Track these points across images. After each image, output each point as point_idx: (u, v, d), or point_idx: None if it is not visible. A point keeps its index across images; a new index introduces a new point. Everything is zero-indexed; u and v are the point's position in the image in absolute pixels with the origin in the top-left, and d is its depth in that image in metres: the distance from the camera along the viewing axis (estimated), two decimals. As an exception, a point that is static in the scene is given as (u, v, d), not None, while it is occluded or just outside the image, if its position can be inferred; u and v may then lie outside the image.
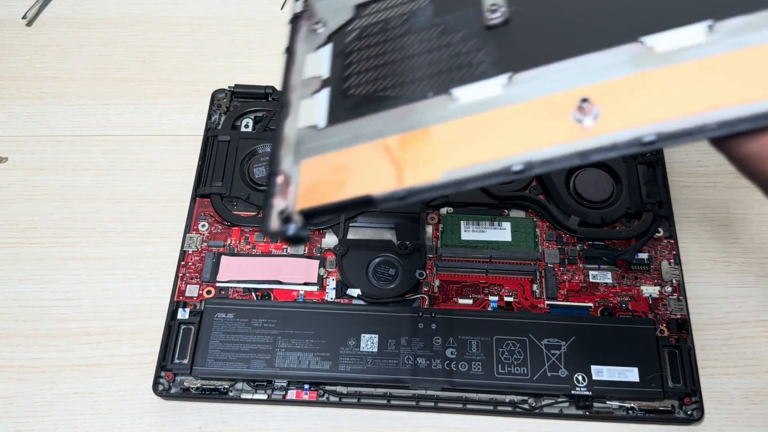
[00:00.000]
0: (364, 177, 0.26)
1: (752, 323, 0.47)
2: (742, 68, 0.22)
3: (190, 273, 0.47)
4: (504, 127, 0.25)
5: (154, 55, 0.59)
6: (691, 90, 0.23)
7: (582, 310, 0.46)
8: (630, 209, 0.48)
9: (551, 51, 0.26)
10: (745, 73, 0.22)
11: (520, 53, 0.27)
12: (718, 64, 0.23)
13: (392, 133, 0.26)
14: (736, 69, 0.23)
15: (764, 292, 0.48)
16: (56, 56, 0.57)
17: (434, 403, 0.43)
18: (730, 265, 0.49)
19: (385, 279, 0.46)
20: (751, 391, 0.44)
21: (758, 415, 0.44)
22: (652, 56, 0.24)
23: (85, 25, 0.61)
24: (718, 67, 0.23)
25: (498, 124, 0.25)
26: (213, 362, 0.43)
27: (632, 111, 0.23)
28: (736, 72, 0.22)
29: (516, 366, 0.43)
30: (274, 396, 0.43)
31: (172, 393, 0.43)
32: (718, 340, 0.46)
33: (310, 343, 0.43)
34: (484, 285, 0.47)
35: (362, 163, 0.26)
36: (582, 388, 0.42)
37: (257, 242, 0.48)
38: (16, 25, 0.61)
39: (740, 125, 0.22)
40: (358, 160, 0.26)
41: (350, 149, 0.27)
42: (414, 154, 0.25)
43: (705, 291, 0.47)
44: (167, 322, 0.45)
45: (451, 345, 0.43)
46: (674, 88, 0.23)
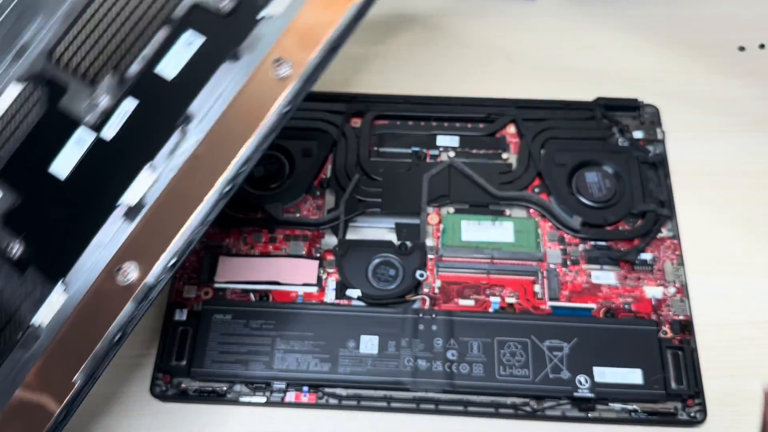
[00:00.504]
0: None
1: (756, 324, 0.46)
2: None
3: (188, 274, 0.47)
4: None
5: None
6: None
7: (585, 312, 0.45)
8: (633, 209, 0.48)
9: None
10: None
11: None
12: None
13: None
14: None
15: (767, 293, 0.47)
16: None
17: (435, 406, 0.42)
18: (734, 265, 0.48)
19: (385, 280, 0.46)
20: (755, 393, 0.44)
21: (762, 417, 0.43)
22: None
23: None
24: None
25: None
26: (211, 364, 0.42)
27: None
28: None
29: (517, 368, 0.42)
30: (272, 398, 0.43)
31: (169, 395, 0.43)
32: (721, 341, 0.45)
33: (309, 344, 0.43)
34: (485, 286, 0.46)
35: None
36: (584, 390, 0.42)
37: (256, 243, 0.48)
38: None
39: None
40: None
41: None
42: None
43: (709, 292, 0.47)
44: (164, 324, 0.45)
45: (452, 347, 0.43)
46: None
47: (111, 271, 0.31)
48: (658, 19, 0.61)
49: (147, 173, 0.33)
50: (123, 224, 0.32)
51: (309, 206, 0.49)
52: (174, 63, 0.35)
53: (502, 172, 0.50)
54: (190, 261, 0.47)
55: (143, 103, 0.34)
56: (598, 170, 0.49)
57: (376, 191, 0.49)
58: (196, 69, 0.34)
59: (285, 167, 0.50)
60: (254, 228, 0.48)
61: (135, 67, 0.35)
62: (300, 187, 0.49)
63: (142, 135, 0.34)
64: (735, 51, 0.59)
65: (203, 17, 0.35)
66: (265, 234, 0.48)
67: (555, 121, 0.52)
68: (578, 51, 0.59)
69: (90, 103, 0.35)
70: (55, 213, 0.34)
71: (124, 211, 0.32)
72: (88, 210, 0.33)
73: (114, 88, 0.35)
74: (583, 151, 0.50)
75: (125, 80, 0.35)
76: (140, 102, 0.34)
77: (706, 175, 0.52)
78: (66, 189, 0.34)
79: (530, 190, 0.49)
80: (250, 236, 0.48)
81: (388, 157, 0.51)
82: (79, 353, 0.31)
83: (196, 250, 0.47)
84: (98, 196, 0.33)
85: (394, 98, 0.53)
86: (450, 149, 0.51)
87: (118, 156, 0.34)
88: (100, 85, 0.35)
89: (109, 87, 0.35)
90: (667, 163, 0.50)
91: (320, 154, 0.51)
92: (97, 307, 0.31)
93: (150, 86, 0.35)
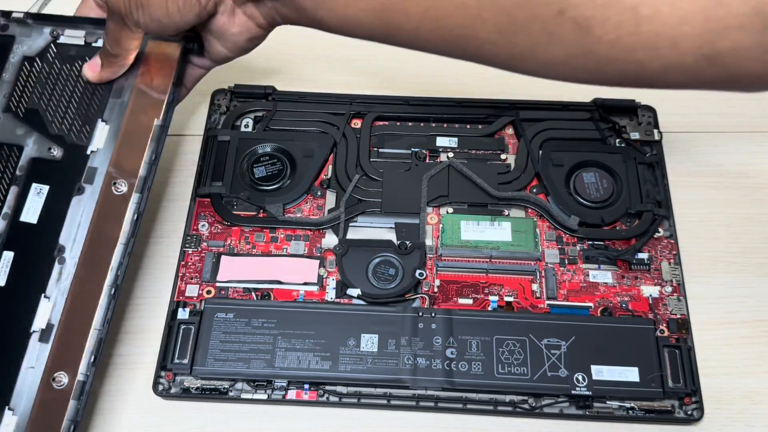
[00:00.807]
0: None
1: (752, 323, 0.47)
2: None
3: (190, 273, 0.47)
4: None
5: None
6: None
7: (582, 310, 0.46)
8: (630, 209, 0.48)
9: None
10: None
11: None
12: None
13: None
14: None
15: (764, 292, 0.48)
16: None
17: (434, 403, 0.43)
18: (730, 264, 0.49)
19: (385, 279, 0.46)
20: (752, 391, 0.44)
21: (758, 415, 0.44)
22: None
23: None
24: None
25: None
26: (213, 362, 0.43)
27: None
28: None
29: (516, 366, 0.43)
30: (274, 396, 0.43)
31: (172, 393, 0.43)
32: (718, 340, 0.46)
33: (310, 343, 0.43)
34: (484, 285, 0.47)
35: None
36: (582, 388, 0.42)
37: (257, 242, 0.48)
38: None
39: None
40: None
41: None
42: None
43: (705, 291, 0.47)
44: (167, 322, 0.45)
45: (451, 345, 0.43)
46: None
47: (47, 382, 0.38)
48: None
49: (45, 302, 0.40)
50: (42, 345, 0.39)
51: (310, 206, 0.50)
52: (33, 210, 0.42)
53: (500, 172, 0.50)
54: (192, 261, 0.47)
55: (21, 248, 0.41)
56: (595, 171, 0.50)
57: (376, 191, 0.50)
58: (53, 209, 0.42)
59: (286, 168, 0.50)
60: (256, 228, 0.49)
61: (1, 223, 0.42)
62: (301, 187, 0.50)
63: (30, 273, 0.41)
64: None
65: (43, 166, 0.43)
66: (267, 233, 0.49)
67: (553, 122, 0.52)
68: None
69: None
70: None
71: (39, 336, 0.39)
72: (9, 344, 0.39)
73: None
74: (580, 152, 0.51)
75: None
76: (17, 248, 0.41)
77: (703, 175, 0.52)
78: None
79: (528, 191, 0.50)
80: (252, 236, 0.48)
81: (388, 157, 0.52)
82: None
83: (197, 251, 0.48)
84: (12, 331, 0.40)
85: (394, 99, 0.54)
86: (449, 150, 0.52)
87: (16, 296, 0.40)
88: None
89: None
90: (664, 163, 0.51)
91: (321, 154, 0.51)
92: (46, 414, 0.38)
93: (21, 233, 0.42)
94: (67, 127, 0.44)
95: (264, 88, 0.54)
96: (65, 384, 0.38)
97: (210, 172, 0.50)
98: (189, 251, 0.48)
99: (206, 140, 0.52)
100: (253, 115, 0.54)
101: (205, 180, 0.50)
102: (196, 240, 0.48)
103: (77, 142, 0.44)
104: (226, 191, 0.50)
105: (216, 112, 0.54)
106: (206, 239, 0.48)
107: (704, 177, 0.52)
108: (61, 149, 0.43)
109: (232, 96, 0.54)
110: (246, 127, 0.53)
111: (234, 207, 0.49)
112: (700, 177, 0.52)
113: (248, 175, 0.50)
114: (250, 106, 0.54)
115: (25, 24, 0.47)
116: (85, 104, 0.45)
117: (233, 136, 0.52)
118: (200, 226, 0.49)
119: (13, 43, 0.46)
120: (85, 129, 0.44)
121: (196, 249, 0.48)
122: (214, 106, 0.54)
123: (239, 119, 0.53)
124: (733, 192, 0.52)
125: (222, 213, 0.49)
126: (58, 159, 0.43)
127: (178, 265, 0.47)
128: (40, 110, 0.45)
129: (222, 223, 0.49)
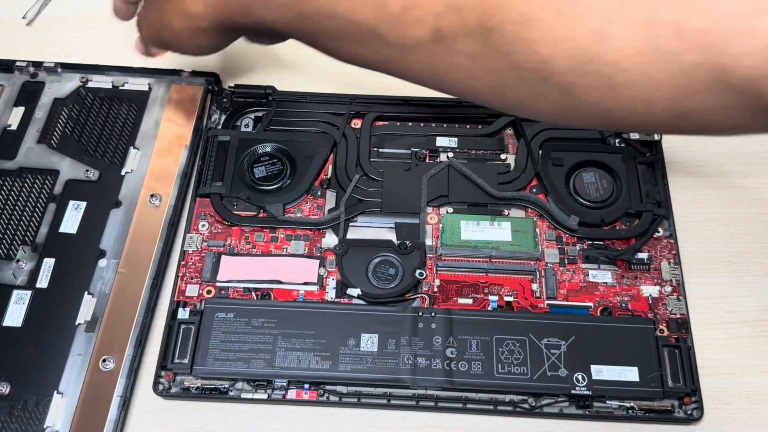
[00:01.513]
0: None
1: (752, 323, 0.47)
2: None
3: (190, 273, 0.47)
4: None
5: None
6: None
7: (582, 310, 0.46)
8: (630, 209, 0.48)
9: None
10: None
11: None
12: None
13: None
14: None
15: (764, 292, 0.48)
16: (56, 56, 0.57)
17: (434, 403, 0.43)
18: (729, 264, 0.49)
19: (385, 279, 0.46)
20: (751, 391, 0.44)
21: (758, 414, 0.44)
22: None
23: (85, 25, 0.61)
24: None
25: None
26: (213, 362, 0.43)
27: None
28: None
29: (516, 366, 0.43)
30: (274, 396, 0.43)
31: (172, 393, 0.43)
32: (717, 339, 0.46)
33: (310, 342, 0.43)
34: (484, 285, 0.47)
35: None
36: (582, 387, 0.42)
37: (257, 242, 0.48)
38: (16, 25, 0.61)
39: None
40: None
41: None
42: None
43: (705, 290, 0.47)
44: (167, 322, 0.45)
45: (451, 345, 0.43)
46: None
47: (96, 365, 0.44)
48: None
49: (88, 297, 0.46)
50: (88, 335, 0.45)
51: (310, 206, 0.50)
52: (72, 222, 0.49)
53: (500, 172, 0.50)
54: (192, 261, 0.47)
55: (61, 255, 0.47)
56: (595, 171, 0.50)
57: (376, 191, 0.50)
58: (92, 221, 0.49)
59: (286, 168, 0.50)
60: (256, 227, 0.49)
61: (42, 235, 0.48)
62: (301, 187, 0.50)
63: (72, 275, 0.47)
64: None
65: (79, 187, 0.50)
66: (267, 233, 0.49)
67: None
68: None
69: (15, 271, 0.47)
70: (27, 349, 0.44)
71: (85, 327, 0.45)
72: (55, 336, 0.45)
73: (30, 254, 0.47)
74: (580, 152, 0.51)
75: (38, 246, 0.48)
76: (58, 255, 0.47)
77: (702, 175, 0.52)
78: (23, 331, 0.45)
79: (528, 191, 0.50)
80: (252, 236, 0.48)
81: (388, 157, 0.52)
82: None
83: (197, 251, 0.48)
84: (58, 325, 0.45)
85: (394, 99, 0.54)
86: (449, 150, 0.52)
87: (59, 296, 0.46)
88: (18, 255, 0.47)
89: (26, 255, 0.47)
90: (664, 163, 0.51)
91: (321, 154, 0.51)
92: (96, 393, 0.43)
93: (61, 242, 0.48)
94: (101, 154, 0.52)
95: (264, 88, 0.54)
96: (112, 366, 0.44)
97: (210, 172, 0.50)
98: (189, 251, 0.48)
99: (206, 140, 0.52)
100: (253, 115, 0.54)
101: (205, 180, 0.50)
102: (197, 240, 0.48)
103: (111, 165, 0.51)
104: (226, 191, 0.50)
105: (216, 111, 0.54)
106: (206, 239, 0.48)
107: (704, 177, 0.52)
108: (96, 172, 0.51)
109: (232, 96, 0.54)
110: (246, 127, 0.53)
111: (234, 207, 0.49)
112: (700, 177, 0.52)
113: (248, 175, 0.50)
114: (250, 106, 0.54)
115: (55, 72, 0.55)
116: (116, 135, 0.52)
117: (233, 136, 0.52)
118: (200, 226, 0.49)
119: (43, 88, 0.55)
120: (118, 155, 0.52)
121: (196, 249, 0.48)
122: (213, 105, 0.54)
123: (239, 119, 0.53)
124: (733, 191, 0.52)
125: (222, 213, 0.49)
126: (94, 180, 0.50)
127: (178, 265, 0.47)
128: (73, 141, 0.52)
129: (222, 223, 0.49)
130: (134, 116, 0.53)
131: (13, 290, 0.46)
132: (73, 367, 0.44)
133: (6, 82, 0.55)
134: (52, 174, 0.51)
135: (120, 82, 0.55)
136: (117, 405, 0.43)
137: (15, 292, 0.46)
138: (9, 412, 0.42)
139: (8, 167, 0.51)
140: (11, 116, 0.53)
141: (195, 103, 0.53)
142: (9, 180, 0.50)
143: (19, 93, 0.54)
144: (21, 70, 0.56)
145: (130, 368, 0.44)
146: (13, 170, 0.51)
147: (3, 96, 0.54)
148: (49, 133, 0.53)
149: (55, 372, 0.43)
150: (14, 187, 0.50)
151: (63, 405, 0.42)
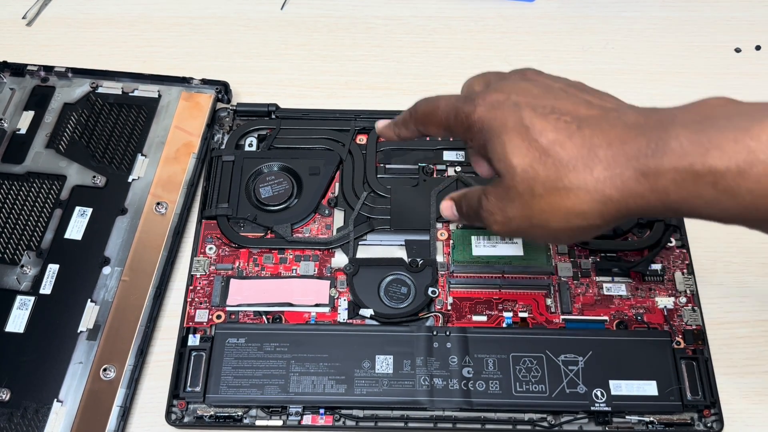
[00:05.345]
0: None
1: (752, 323, 0.47)
2: None
3: (199, 297, 0.46)
4: None
5: (154, 55, 0.59)
6: None
7: (598, 324, 0.45)
8: (641, 219, 0.48)
9: None
10: None
11: None
12: None
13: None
14: None
15: (764, 292, 0.48)
16: (56, 56, 0.56)
17: (452, 424, 0.42)
18: (729, 264, 0.49)
19: (397, 298, 0.46)
20: (751, 391, 0.44)
21: (758, 414, 0.43)
22: None
23: (85, 25, 0.61)
24: None
25: None
26: (226, 389, 0.42)
27: None
28: None
29: (534, 383, 0.42)
30: (289, 422, 0.43)
31: (185, 422, 0.43)
32: (717, 339, 0.46)
33: (324, 366, 0.43)
34: (497, 301, 0.46)
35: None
36: (601, 403, 0.42)
37: (266, 264, 0.47)
38: (16, 25, 0.61)
39: None
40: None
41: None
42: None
43: (705, 291, 0.47)
44: (177, 349, 0.44)
45: (467, 364, 0.43)
46: None
47: (96, 374, 0.43)
48: (655, 21, 0.62)
49: (91, 305, 0.45)
50: (90, 343, 0.44)
51: (318, 225, 0.49)
52: (77, 228, 0.48)
53: (509, 185, 0.50)
54: (201, 285, 0.47)
55: (65, 261, 0.47)
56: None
57: (385, 208, 0.49)
58: (97, 227, 0.48)
59: (292, 187, 0.50)
60: (264, 249, 0.48)
61: (47, 241, 0.48)
62: (308, 206, 0.49)
63: (75, 281, 0.46)
64: (731, 52, 0.60)
65: (86, 193, 0.50)
66: (275, 255, 0.48)
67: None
68: (575, 53, 0.59)
69: (19, 276, 0.46)
70: (29, 356, 0.44)
71: (86, 335, 0.44)
72: (57, 344, 0.44)
73: (35, 259, 0.47)
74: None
75: (43, 251, 0.47)
76: (62, 261, 0.47)
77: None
78: (26, 338, 0.44)
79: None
80: (260, 257, 0.48)
81: (395, 173, 0.51)
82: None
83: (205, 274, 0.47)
84: (60, 332, 0.45)
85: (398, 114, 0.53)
86: (456, 164, 0.51)
87: (61, 302, 0.46)
88: (22, 260, 0.47)
89: (31, 260, 0.47)
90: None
91: (327, 172, 0.50)
92: (96, 402, 0.42)
93: (66, 248, 0.48)
94: (108, 160, 0.51)
95: (267, 105, 0.53)
96: (113, 375, 0.43)
97: (215, 193, 0.50)
98: (197, 275, 0.47)
99: (210, 160, 0.51)
100: (257, 134, 0.53)
101: (210, 201, 0.49)
102: (204, 263, 0.47)
103: (118, 172, 0.51)
104: (233, 212, 0.49)
105: (219, 131, 0.53)
106: (214, 262, 0.48)
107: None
108: (103, 178, 0.50)
109: (234, 115, 0.54)
110: (250, 146, 0.52)
111: (241, 228, 0.49)
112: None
113: (254, 196, 0.49)
114: (253, 125, 0.53)
115: (65, 77, 0.55)
116: (124, 142, 0.52)
117: (237, 156, 0.51)
118: (207, 249, 0.48)
119: (53, 92, 0.54)
120: (126, 161, 0.51)
121: (204, 273, 0.47)
122: (216, 125, 0.53)
123: (243, 138, 0.53)
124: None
125: (229, 235, 0.48)
126: (101, 186, 0.50)
127: (186, 290, 0.47)
128: (81, 147, 0.52)
129: (229, 245, 0.48)
130: (143, 123, 0.53)
131: (16, 295, 0.46)
132: (73, 375, 0.43)
133: (17, 86, 0.55)
134: (59, 179, 0.50)
135: (130, 88, 0.55)
136: (117, 415, 0.42)
137: (18, 297, 0.46)
138: (8, 419, 0.42)
139: (16, 171, 0.51)
140: (21, 120, 0.53)
141: (204, 111, 0.53)
142: (16, 184, 0.50)
143: (29, 97, 0.54)
144: (32, 74, 0.55)
145: (131, 378, 0.43)
146: (20, 174, 0.51)
147: (13, 100, 0.54)
148: (57, 138, 0.52)
149: (55, 379, 0.43)
150: (21, 191, 0.50)
151: (62, 413, 0.42)
